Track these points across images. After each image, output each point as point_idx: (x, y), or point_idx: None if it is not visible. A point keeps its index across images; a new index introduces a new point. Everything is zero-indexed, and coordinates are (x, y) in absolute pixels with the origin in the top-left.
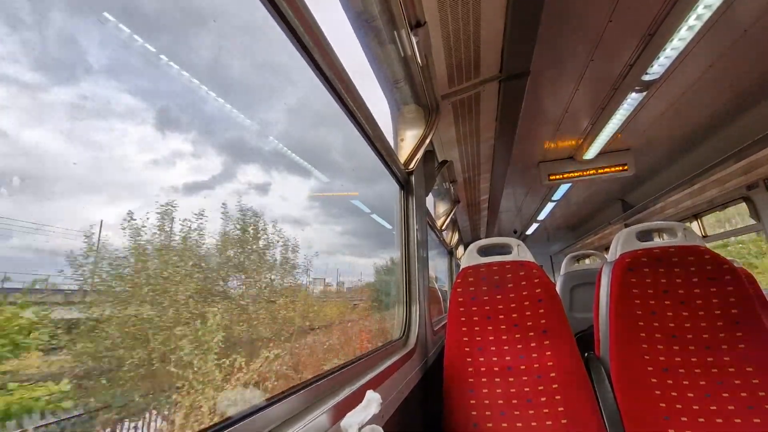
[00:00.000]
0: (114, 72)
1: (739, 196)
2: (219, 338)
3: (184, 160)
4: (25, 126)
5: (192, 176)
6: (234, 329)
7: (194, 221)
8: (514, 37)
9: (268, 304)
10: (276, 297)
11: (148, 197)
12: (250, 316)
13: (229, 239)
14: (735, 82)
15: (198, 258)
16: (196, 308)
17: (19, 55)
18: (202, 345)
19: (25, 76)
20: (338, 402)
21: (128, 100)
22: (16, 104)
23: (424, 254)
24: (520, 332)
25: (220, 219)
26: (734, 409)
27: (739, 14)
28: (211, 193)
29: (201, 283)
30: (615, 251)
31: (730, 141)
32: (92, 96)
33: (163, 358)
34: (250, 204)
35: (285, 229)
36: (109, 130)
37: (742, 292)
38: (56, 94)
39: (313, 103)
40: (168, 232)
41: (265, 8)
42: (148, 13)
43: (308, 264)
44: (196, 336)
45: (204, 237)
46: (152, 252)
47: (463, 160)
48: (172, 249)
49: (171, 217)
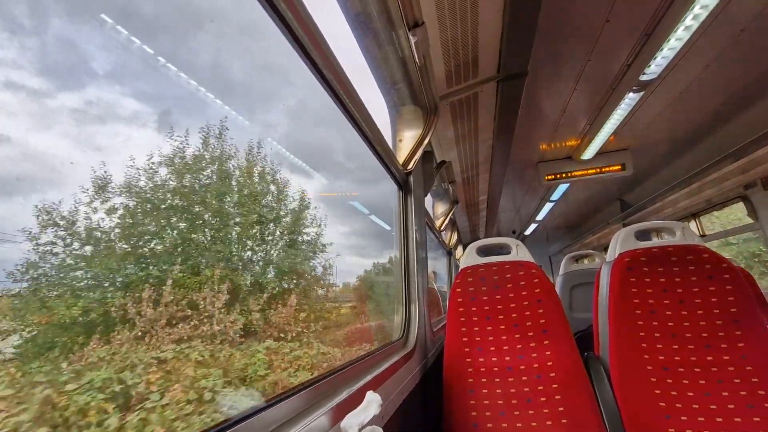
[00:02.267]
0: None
1: (736, 195)
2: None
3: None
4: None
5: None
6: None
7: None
8: (511, 38)
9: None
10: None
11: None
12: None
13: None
14: (731, 82)
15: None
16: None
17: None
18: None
19: (32, 81)
20: (338, 403)
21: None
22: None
23: (423, 255)
24: (520, 332)
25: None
26: (734, 407)
27: (735, 15)
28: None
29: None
30: (614, 251)
31: (727, 140)
32: (96, 101)
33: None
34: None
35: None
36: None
37: (741, 291)
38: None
39: (312, 104)
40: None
41: (264, 9)
42: (154, 18)
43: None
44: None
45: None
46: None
47: (462, 161)
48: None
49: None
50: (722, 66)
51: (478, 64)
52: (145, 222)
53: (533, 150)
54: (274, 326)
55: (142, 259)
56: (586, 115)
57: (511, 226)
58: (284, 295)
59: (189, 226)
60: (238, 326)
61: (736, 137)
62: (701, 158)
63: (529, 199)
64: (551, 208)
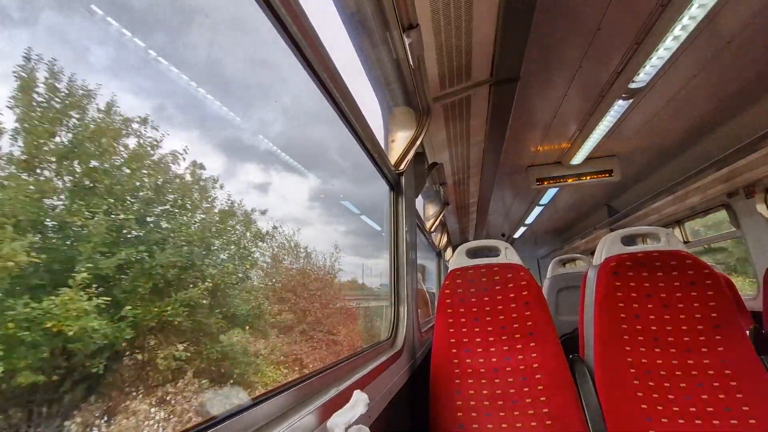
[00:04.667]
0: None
1: (719, 203)
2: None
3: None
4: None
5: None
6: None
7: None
8: (505, 43)
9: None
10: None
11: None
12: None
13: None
14: (717, 91)
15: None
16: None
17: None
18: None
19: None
20: (325, 402)
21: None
22: None
23: (413, 256)
24: (507, 334)
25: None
26: (713, 410)
27: (721, 26)
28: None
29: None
30: (600, 255)
31: (711, 149)
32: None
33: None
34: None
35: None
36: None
37: (722, 297)
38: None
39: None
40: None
41: (259, 6)
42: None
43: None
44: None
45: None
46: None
47: (453, 163)
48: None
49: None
50: (708, 76)
51: (472, 67)
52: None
53: (524, 154)
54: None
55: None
56: (576, 121)
57: (501, 228)
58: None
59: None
60: None
61: (720, 146)
62: (686, 166)
63: (518, 203)
64: (540, 212)
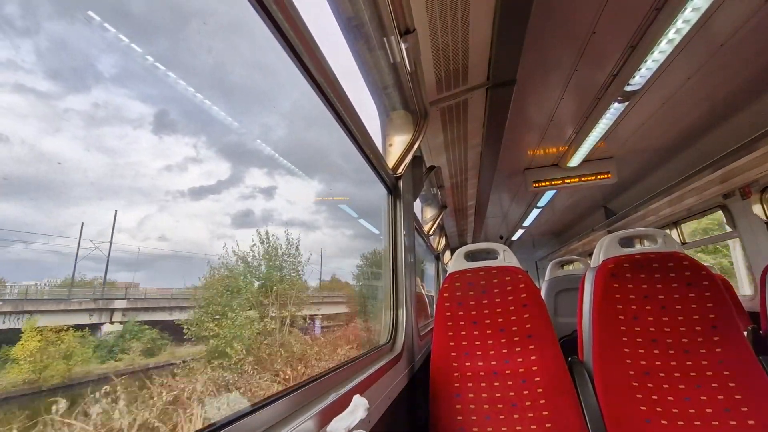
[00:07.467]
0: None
1: (716, 204)
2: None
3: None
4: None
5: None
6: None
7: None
8: (501, 47)
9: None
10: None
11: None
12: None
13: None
14: (712, 93)
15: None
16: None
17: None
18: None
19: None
20: (325, 407)
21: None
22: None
23: (411, 259)
24: (506, 337)
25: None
26: (712, 411)
27: (715, 30)
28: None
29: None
30: (598, 257)
31: (707, 150)
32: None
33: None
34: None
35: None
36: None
37: (719, 298)
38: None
39: (303, 106)
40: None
41: (254, 10)
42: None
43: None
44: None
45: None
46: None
47: (451, 166)
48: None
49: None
50: (703, 78)
51: (468, 71)
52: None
53: (521, 157)
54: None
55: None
56: (572, 124)
57: (498, 231)
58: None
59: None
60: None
61: (716, 147)
62: (683, 167)
63: (516, 205)
64: (538, 215)
